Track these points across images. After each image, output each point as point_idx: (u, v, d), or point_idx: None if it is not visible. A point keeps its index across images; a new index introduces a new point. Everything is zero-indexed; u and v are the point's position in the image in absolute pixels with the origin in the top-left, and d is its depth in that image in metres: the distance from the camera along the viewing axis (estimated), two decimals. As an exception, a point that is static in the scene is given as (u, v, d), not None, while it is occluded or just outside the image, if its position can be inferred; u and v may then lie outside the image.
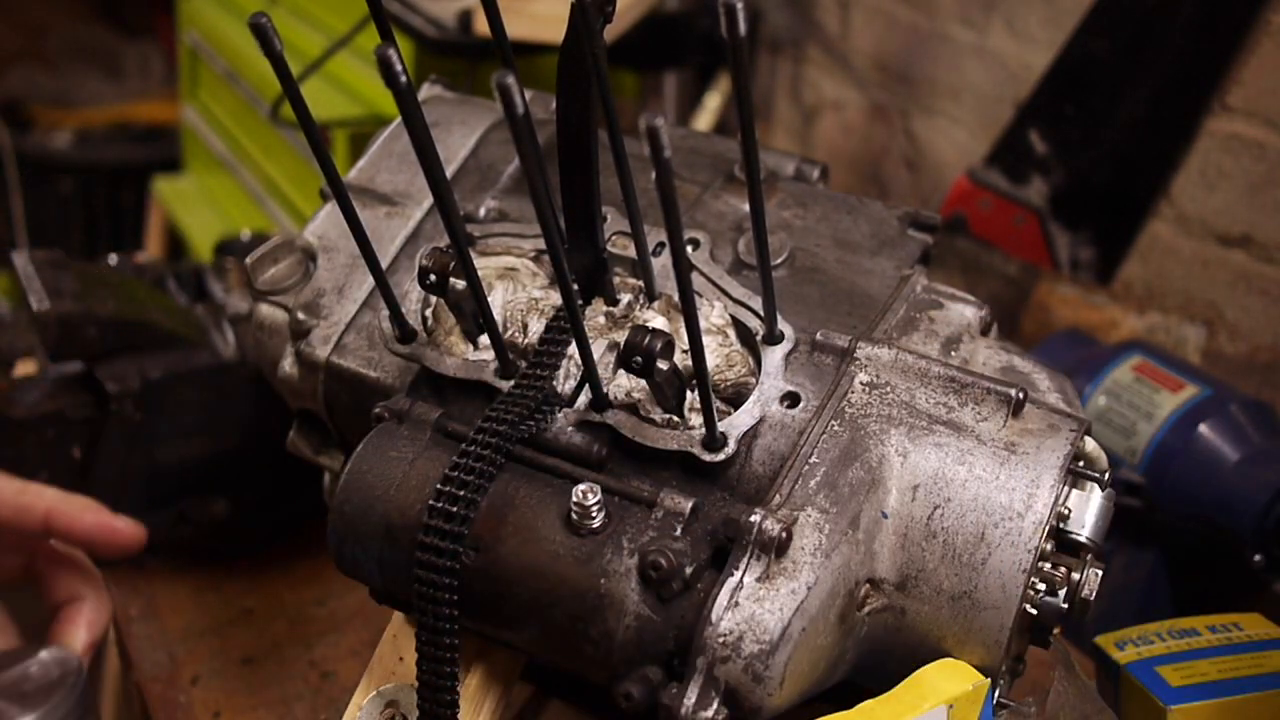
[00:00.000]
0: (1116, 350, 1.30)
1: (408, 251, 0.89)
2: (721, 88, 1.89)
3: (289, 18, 1.91)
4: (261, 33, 0.66)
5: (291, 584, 1.21)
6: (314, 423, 0.92)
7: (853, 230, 0.89)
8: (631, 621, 0.67)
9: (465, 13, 1.49)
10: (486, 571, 0.71)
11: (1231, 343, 1.41)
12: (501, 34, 0.82)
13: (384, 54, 0.58)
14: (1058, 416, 0.75)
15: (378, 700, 0.79)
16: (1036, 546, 0.70)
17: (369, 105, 1.67)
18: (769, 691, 0.65)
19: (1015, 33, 1.61)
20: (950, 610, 0.71)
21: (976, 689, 0.70)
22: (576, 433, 0.76)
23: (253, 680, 1.08)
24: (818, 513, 0.70)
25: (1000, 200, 1.56)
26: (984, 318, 0.83)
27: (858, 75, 1.89)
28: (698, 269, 0.82)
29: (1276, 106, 1.31)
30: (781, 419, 0.74)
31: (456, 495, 0.71)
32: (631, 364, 0.67)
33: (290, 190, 1.87)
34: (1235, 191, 1.37)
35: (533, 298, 0.82)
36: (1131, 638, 0.91)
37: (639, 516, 0.70)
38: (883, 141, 1.88)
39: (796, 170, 0.97)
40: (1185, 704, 0.84)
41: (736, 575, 0.66)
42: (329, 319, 0.87)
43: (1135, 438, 1.21)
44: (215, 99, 2.23)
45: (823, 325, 0.79)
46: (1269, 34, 1.29)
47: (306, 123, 0.72)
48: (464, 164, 0.95)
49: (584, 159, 0.77)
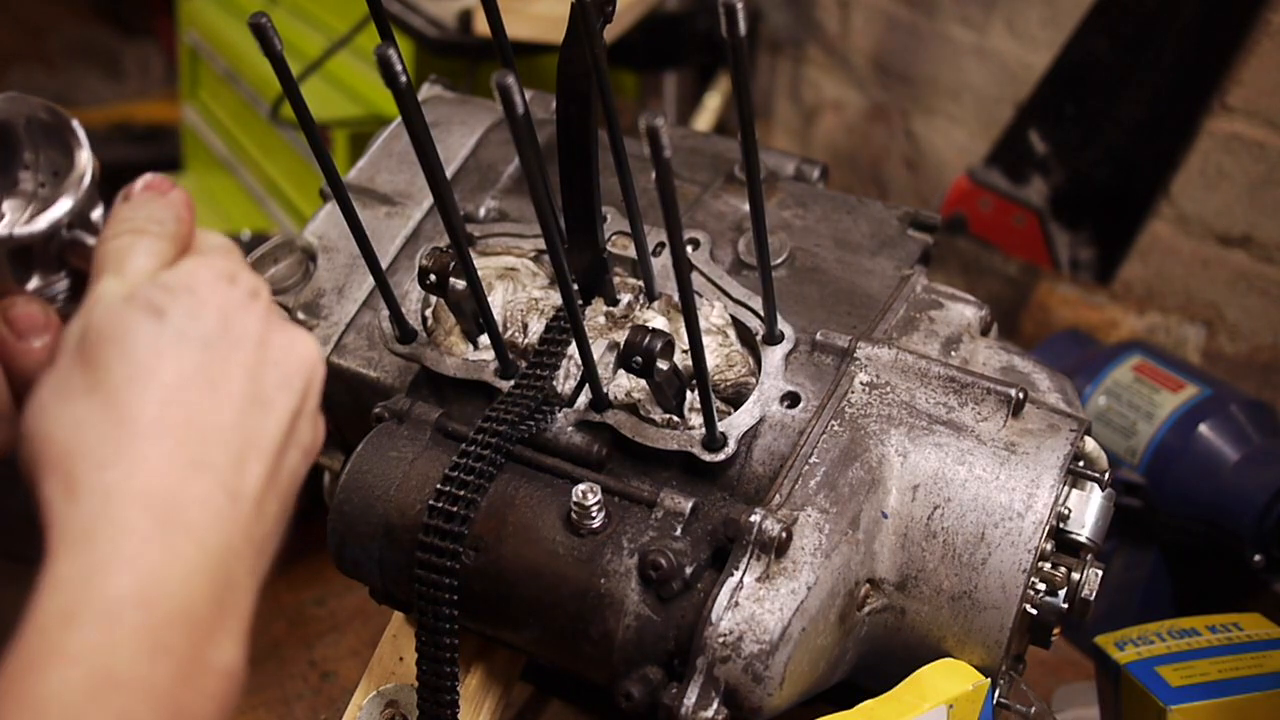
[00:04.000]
0: (1116, 350, 1.30)
1: (408, 251, 0.89)
2: (721, 88, 1.88)
3: (289, 18, 1.91)
4: (261, 33, 0.66)
5: (291, 584, 1.21)
6: (314, 423, 0.92)
7: (853, 230, 0.89)
8: (631, 621, 0.67)
9: (465, 13, 1.49)
10: (486, 571, 0.71)
11: (1231, 343, 1.41)
12: (501, 34, 0.82)
13: (384, 54, 0.58)
14: (1058, 416, 0.75)
15: (378, 700, 0.79)
16: (1036, 546, 0.70)
17: (369, 105, 1.67)
18: (769, 691, 0.65)
19: (1015, 33, 1.61)
20: (950, 610, 0.71)
21: (976, 689, 0.70)
22: (576, 433, 0.76)
23: (253, 680, 1.08)
24: (818, 513, 0.70)
25: (1000, 200, 1.56)
26: (984, 318, 0.83)
27: (858, 75, 1.89)
28: (698, 269, 0.82)
29: (1276, 106, 1.31)
30: (781, 419, 0.74)
31: (457, 495, 0.71)
32: (631, 364, 0.67)
33: (290, 190, 1.87)
34: (1235, 191, 1.37)
35: (533, 298, 0.82)
36: (1131, 638, 0.91)
37: (639, 516, 0.70)
38: (883, 141, 1.88)
39: (796, 170, 0.97)
40: (1185, 704, 0.84)
41: (736, 575, 0.66)
42: (329, 319, 0.87)
43: (1135, 438, 1.21)
44: (215, 99, 2.22)
45: (823, 325, 0.79)
46: (1269, 34, 1.29)
47: (306, 123, 0.72)
48: (464, 164, 0.95)
49: (584, 159, 0.77)
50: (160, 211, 0.58)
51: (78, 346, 0.54)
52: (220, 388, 0.54)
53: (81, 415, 0.51)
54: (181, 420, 0.52)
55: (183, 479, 0.51)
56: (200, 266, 0.57)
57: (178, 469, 0.51)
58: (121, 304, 0.54)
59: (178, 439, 0.52)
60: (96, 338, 0.53)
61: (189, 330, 0.54)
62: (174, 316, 0.54)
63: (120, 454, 0.50)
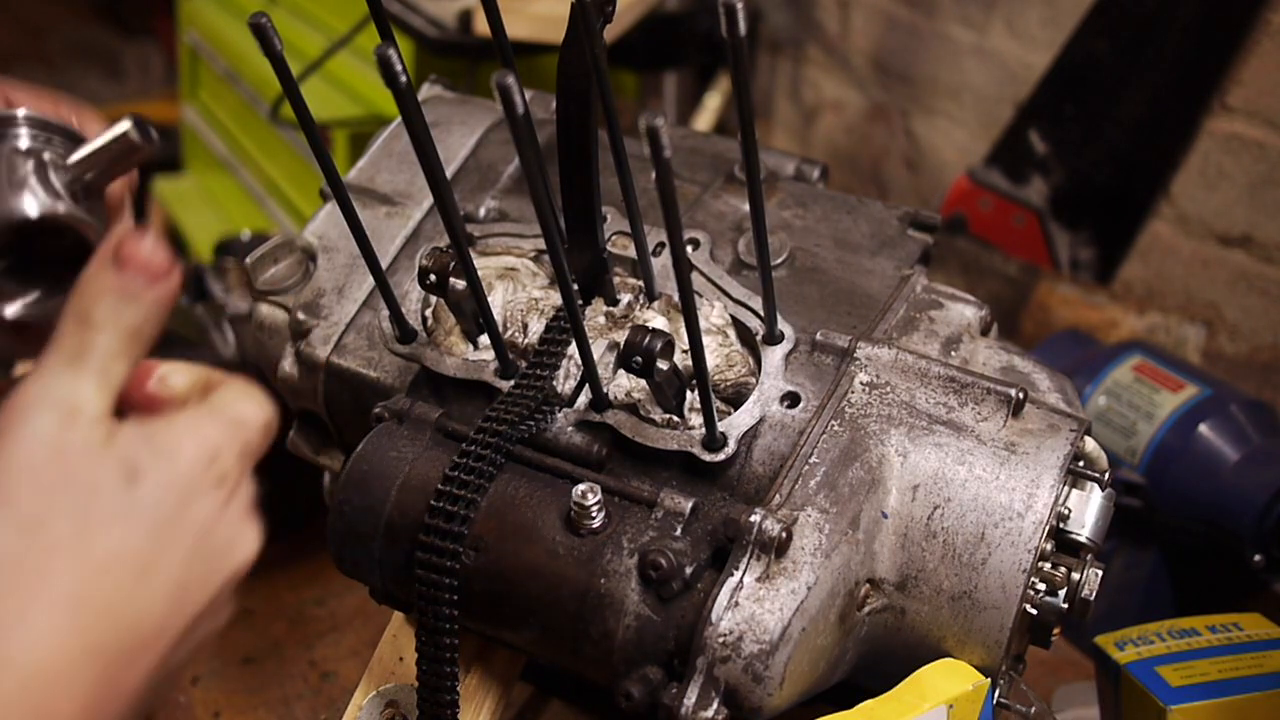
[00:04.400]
0: (1116, 350, 1.30)
1: (408, 251, 0.89)
2: (721, 88, 1.88)
3: (289, 18, 1.91)
4: (261, 33, 0.66)
5: (291, 584, 1.21)
6: (314, 423, 0.92)
7: (853, 230, 0.89)
8: (631, 621, 0.67)
9: (465, 13, 1.49)
10: (486, 571, 0.71)
11: (1231, 343, 1.41)
12: (501, 34, 0.82)
13: (384, 54, 0.58)
14: (1058, 416, 0.75)
15: (378, 700, 0.79)
16: (1036, 546, 0.70)
17: (369, 105, 1.67)
18: (769, 691, 0.65)
19: (1015, 33, 1.61)
20: (950, 610, 0.71)
21: (976, 689, 0.70)
22: (576, 433, 0.76)
23: (253, 680, 1.08)
24: (818, 513, 0.70)
25: (1000, 200, 1.56)
26: (984, 318, 0.83)
27: (858, 75, 1.89)
28: (698, 269, 0.82)
29: (1276, 106, 1.31)
30: (781, 419, 0.74)
31: (457, 495, 0.71)
32: (631, 364, 0.67)
33: (290, 190, 1.87)
34: (1235, 191, 1.37)
35: (533, 298, 0.82)
36: (1131, 638, 0.91)
37: (639, 516, 0.70)
38: (883, 141, 1.88)
39: (796, 170, 0.97)
40: (1185, 704, 0.84)
41: (736, 575, 0.66)
42: (329, 319, 0.87)
43: (1135, 438, 1.21)
44: (215, 99, 2.23)
45: (823, 325, 0.79)
46: (1269, 34, 1.29)
47: (306, 123, 0.72)
48: (464, 164, 0.95)
49: (584, 159, 0.77)
50: (140, 315, 0.54)
51: (26, 470, 0.50)
52: (147, 577, 0.51)
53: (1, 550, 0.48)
54: (98, 603, 0.49)
55: (72, 666, 0.48)
56: (190, 435, 0.54)
57: (72, 654, 0.48)
58: (100, 448, 0.51)
59: (86, 623, 0.49)
60: (58, 473, 0.50)
61: (148, 509, 0.51)
62: (144, 487, 0.51)
63: (21, 619, 0.47)
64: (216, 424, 0.55)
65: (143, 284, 0.54)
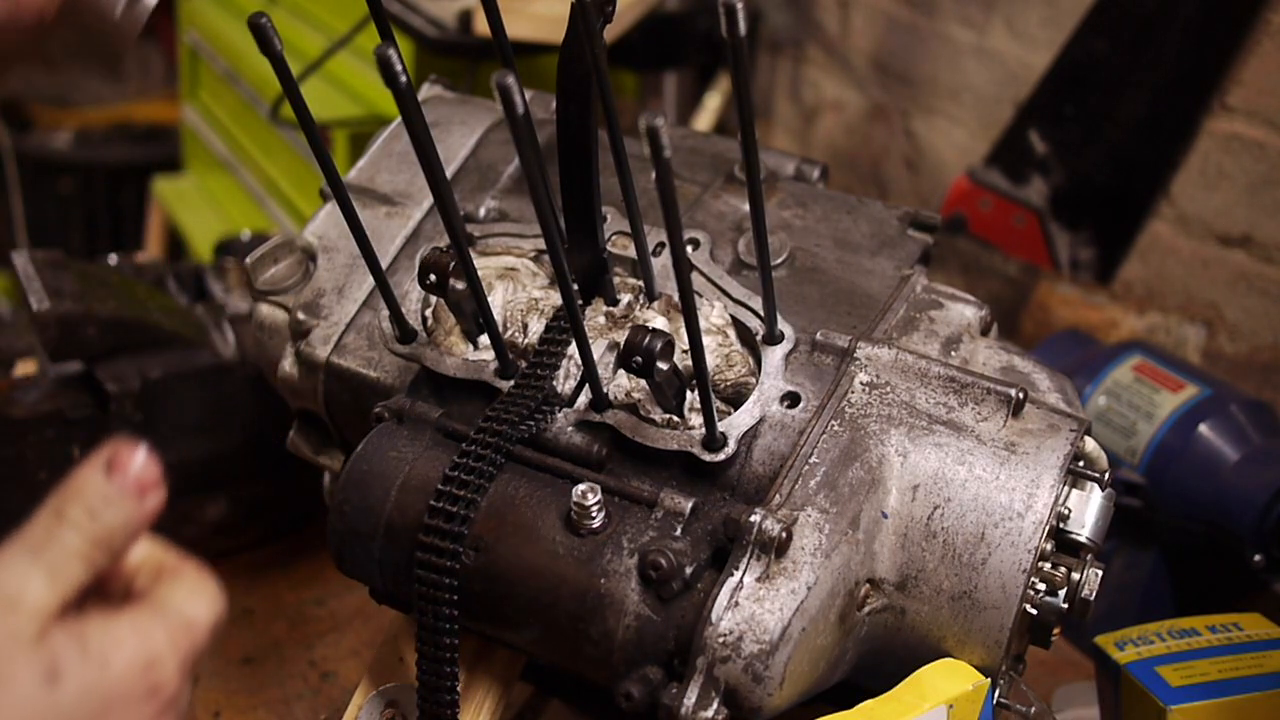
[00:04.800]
0: (1116, 350, 1.30)
1: (408, 251, 0.89)
2: (721, 88, 1.88)
3: (289, 18, 1.91)
4: (261, 33, 0.66)
5: (291, 584, 1.21)
6: (314, 423, 0.92)
7: (853, 230, 0.89)
8: (631, 621, 0.67)
9: (465, 13, 1.49)
10: (486, 571, 0.71)
11: (1231, 343, 1.41)
12: (501, 34, 0.82)
13: (384, 54, 0.58)
14: (1058, 416, 0.75)
15: (378, 700, 0.79)
16: (1036, 546, 0.70)
17: (369, 105, 1.67)
18: (769, 691, 0.65)
19: (1015, 33, 1.61)
20: (950, 610, 0.71)
21: (976, 689, 0.70)
22: (576, 433, 0.76)
23: (253, 680, 1.08)
24: (818, 513, 0.70)
25: (1000, 200, 1.56)
26: (984, 318, 0.83)
27: (858, 75, 1.89)
28: (698, 269, 0.82)
29: (1276, 106, 1.31)
30: (781, 419, 0.74)
31: (457, 495, 0.71)
32: (631, 364, 0.67)
33: (290, 190, 1.87)
34: (1235, 191, 1.37)
35: (533, 298, 0.82)
36: (1131, 638, 0.91)
37: (639, 516, 0.70)
38: (883, 141, 1.88)
39: (796, 170, 0.97)
40: (1185, 704, 0.84)
41: (736, 575, 0.66)
42: (329, 319, 0.87)
43: (1135, 438, 1.21)
44: (215, 99, 2.23)
45: (823, 325, 0.79)
46: (1269, 34, 1.29)
47: (306, 123, 0.72)
48: (464, 164, 0.95)
49: (584, 159, 0.77)
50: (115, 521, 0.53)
51: None
52: None
53: None
54: None
55: None
56: (129, 640, 0.51)
57: None
58: (28, 643, 0.48)
59: None
60: None
61: (62, 713, 0.48)
62: (64, 690, 0.48)
63: None
64: (160, 629, 0.53)
65: (125, 494, 0.53)
